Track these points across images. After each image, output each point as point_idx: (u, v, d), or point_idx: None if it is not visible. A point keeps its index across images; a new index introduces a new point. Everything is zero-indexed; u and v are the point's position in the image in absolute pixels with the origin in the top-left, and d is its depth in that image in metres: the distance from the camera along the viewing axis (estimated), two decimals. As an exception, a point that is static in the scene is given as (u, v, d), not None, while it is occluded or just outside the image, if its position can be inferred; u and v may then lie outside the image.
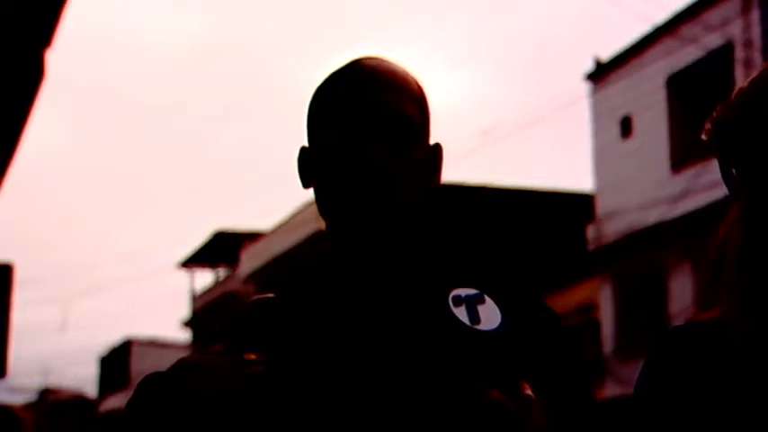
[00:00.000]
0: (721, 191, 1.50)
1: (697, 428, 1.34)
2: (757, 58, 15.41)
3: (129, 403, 1.35)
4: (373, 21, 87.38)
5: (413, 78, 1.51)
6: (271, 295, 1.50)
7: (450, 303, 1.42)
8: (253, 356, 1.36)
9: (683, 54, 17.12)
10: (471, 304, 1.42)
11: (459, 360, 1.35)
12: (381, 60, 1.51)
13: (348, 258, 1.46)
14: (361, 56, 1.52)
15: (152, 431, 1.32)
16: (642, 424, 1.39)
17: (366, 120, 1.43)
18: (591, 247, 18.91)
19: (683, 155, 17.06)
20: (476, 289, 1.44)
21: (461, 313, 1.41)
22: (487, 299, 1.43)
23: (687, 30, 16.91)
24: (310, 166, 1.49)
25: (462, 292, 1.43)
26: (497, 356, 1.37)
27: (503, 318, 1.42)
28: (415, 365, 1.36)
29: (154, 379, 1.35)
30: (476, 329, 1.39)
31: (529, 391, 1.28)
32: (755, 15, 15.83)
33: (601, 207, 19.01)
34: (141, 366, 32.95)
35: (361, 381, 1.36)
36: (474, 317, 1.41)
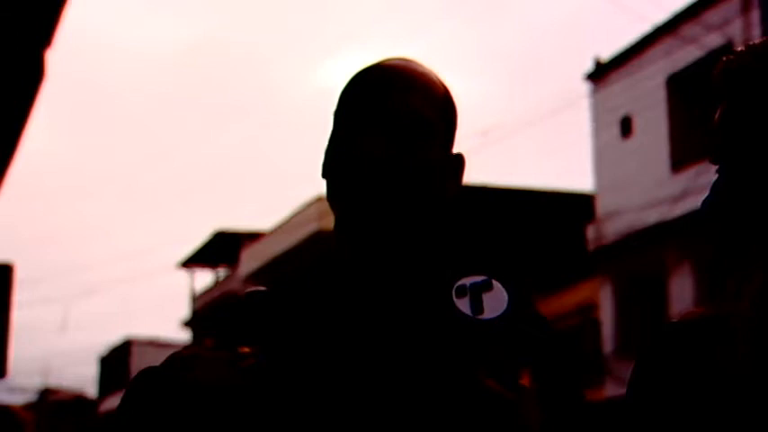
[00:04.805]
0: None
1: (687, 425, 1.34)
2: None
3: (124, 398, 1.36)
4: (373, 21, 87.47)
5: (439, 82, 1.52)
6: (264, 288, 1.51)
7: (453, 295, 1.41)
8: (247, 350, 1.36)
9: (683, 54, 17.13)
10: (476, 293, 1.41)
11: (455, 352, 1.36)
12: (408, 61, 1.52)
13: (349, 252, 1.47)
14: (390, 57, 1.53)
15: (146, 425, 1.32)
16: (634, 421, 1.40)
17: (371, 115, 1.45)
18: (591, 247, 18.91)
19: (682, 155, 17.07)
20: (484, 275, 1.43)
21: (464, 304, 1.40)
22: (495, 284, 1.42)
23: (687, 30, 16.92)
24: (325, 162, 1.52)
25: (468, 280, 1.42)
26: (496, 345, 1.37)
27: (509, 303, 1.41)
28: (410, 358, 1.36)
29: (148, 374, 1.36)
30: (476, 320, 1.39)
31: (525, 381, 1.29)
32: (755, 15, 15.84)
33: (601, 207, 19.02)
34: (141, 366, 32.75)
35: (355, 374, 1.36)
36: (477, 306, 1.40)
